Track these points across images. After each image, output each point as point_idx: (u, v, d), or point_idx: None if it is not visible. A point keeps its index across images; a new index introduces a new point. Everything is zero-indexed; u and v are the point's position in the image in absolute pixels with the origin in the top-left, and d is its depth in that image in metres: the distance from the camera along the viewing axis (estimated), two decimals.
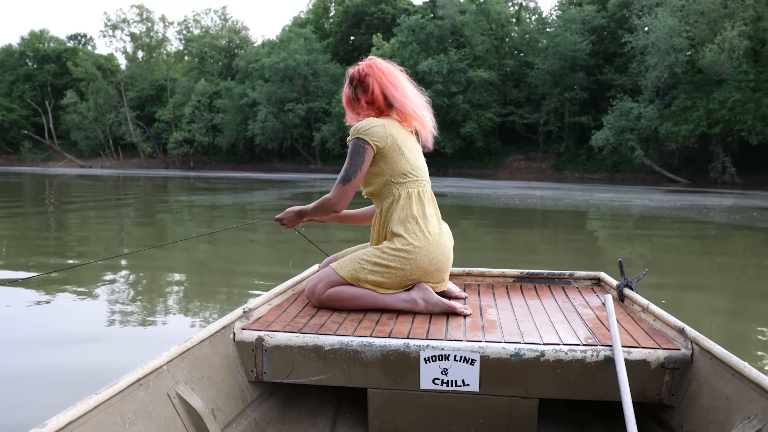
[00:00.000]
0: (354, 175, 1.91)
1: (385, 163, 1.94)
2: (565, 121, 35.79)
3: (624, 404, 1.29)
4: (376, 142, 1.91)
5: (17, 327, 3.17)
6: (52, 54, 59.35)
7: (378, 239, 2.01)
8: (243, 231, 7.53)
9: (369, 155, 1.92)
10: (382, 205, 1.99)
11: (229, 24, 55.52)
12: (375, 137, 1.91)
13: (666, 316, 1.72)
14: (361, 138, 1.91)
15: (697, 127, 27.92)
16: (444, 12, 39.62)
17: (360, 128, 1.92)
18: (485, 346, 1.55)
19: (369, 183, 1.99)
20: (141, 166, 52.09)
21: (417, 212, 1.93)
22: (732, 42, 27.40)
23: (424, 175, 2.02)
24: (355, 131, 1.92)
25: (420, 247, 1.88)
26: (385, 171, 1.94)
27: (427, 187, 2.02)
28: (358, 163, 1.91)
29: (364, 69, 2.00)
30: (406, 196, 1.94)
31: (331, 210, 1.98)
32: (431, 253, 1.90)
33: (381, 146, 1.92)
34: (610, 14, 35.95)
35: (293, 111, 42.54)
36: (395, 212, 1.93)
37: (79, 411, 1.06)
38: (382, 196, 1.99)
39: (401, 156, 1.94)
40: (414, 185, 1.96)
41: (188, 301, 3.83)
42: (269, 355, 1.62)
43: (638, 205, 13.35)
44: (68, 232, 7.34)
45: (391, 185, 1.95)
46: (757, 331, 3.23)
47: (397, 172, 1.94)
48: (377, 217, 2.02)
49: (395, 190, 1.95)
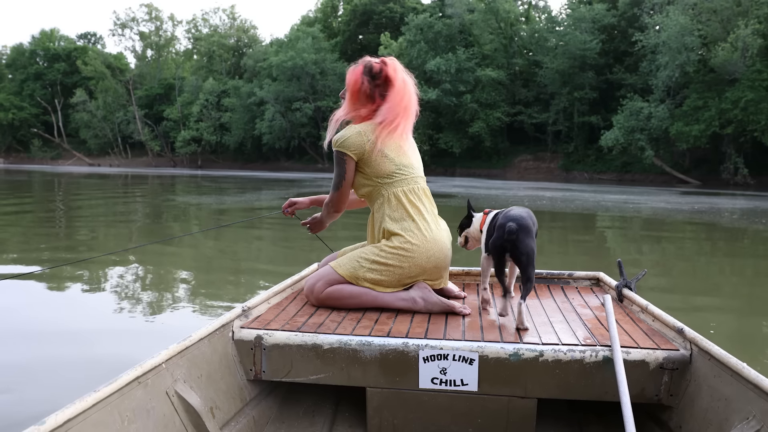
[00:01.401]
0: (341, 184, 1.98)
1: (368, 167, 1.95)
2: (574, 120, 35.45)
3: (623, 404, 1.29)
4: (354, 152, 1.94)
5: (20, 321, 3.20)
6: (62, 53, 59.69)
7: (373, 239, 2.02)
8: (249, 228, 7.42)
9: (350, 165, 1.96)
10: (374, 206, 2.01)
11: (238, 23, 55.60)
12: (352, 148, 1.93)
13: (665, 317, 1.71)
14: (339, 150, 1.95)
15: (708, 127, 27.50)
16: (452, 11, 39.38)
17: (337, 140, 1.95)
18: (484, 345, 1.55)
19: (359, 187, 2.02)
20: (149, 164, 52.27)
21: (411, 210, 1.93)
22: (745, 40, 26.96)
23: (415, 172, 2.00)
24: (334, 143, 1.96)
25: (418, 245, 1.89)
26: (371, 174, 1.96)
27: (421, 183, 2.00)
28: (341, 173, 1.97)
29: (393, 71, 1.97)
30: (396, 195, 1.95)
31: (335, 211, 2.11)
32: (429, 251, 1.90)
33: (360, 154, 1.94)
34: (620, 13, 35.54)
35: (301, 110, 42.48)
36: (388, 212, 1.94)
37: (78, 409, 1.05)
38: (372, 198, 2.01)
39: (384, 158, 1.94)
40: (402, 183, 1.96)
41: (192, 297, 3.74)
42: (268, 353, 1.62)
43: (655, 208, 12.94)
44: (74, 231, 7.26)
45: (379, 186, 1.97)
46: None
47: (382, 174, 1.95)
48: (371, 217, 2.03)
49: (384, 191, 1.96)
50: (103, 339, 2.95)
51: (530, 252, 1.72)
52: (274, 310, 1.89)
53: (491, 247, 1.81)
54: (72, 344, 2.85)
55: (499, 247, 1.76)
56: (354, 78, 1.97)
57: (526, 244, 1.72)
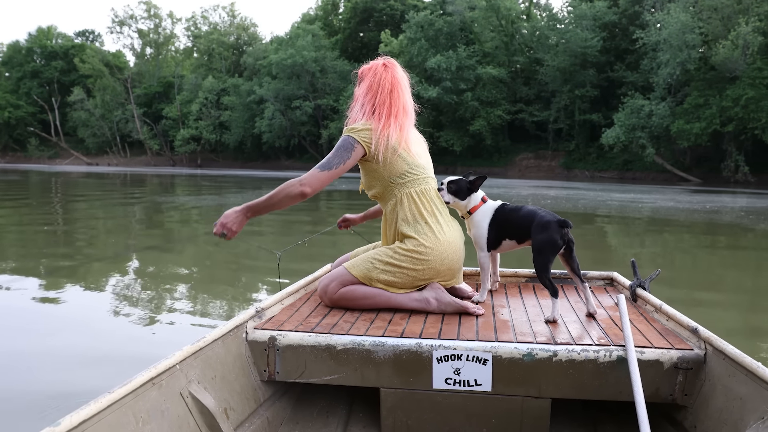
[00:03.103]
0: (336, 165, 1.87)
1: (380, 165, 1.93)
2: (576, 118, 35.39)
3: (637, 404, 1.28)
4: (367, 142, 1.91)
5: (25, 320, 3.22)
6: (60, 50, 59.38)
7: (387, 240, 2.02)
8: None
9: (357, 154, 1.91)
10: (387, 207, 2.00)
11: (238, 20, 55.37)
12: (366, 138, 1.91)
13: (679, 316, 1.70)
14: (352, 136, 1.91)
15: (709, 125, 27.48)
16: (453, 8, 39.25)
17: (353, 127, 1.93)
18: (498, 346, 1.55)
19: (371, 186, 2.00)
20: (148, 163, 52.08)
21: (425, 212, 1.92)
22: (746, 38, 26.91)
23: (427, 172, 2.00)
24: (348, 129, 1.94)
25: (432, 247, 1.88)
26: (383, 173, 1.94)
27: (432, 184, 2.00)
28: (343, 157, 1.89)
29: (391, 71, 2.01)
30: (409, 196, 1.94)
31: (298, 193, 1.83)
32: (443, 253, 1.90)
33: (372, 148, 1.91)
34: (621, 10, 35.46)
35: (301, 108, 42.35)
36: (401, 213, 1.93)
37: (93, 410, 1.06)
38: (385, 198, 1.99)
39: (397, 157, 1.93)
40: (415, 184, 1.95)
41: (205, 298, 3.68)
42: (282, 354, 1.62)
43: (665, 208, 12.61)
44: (71, 235, 7.18)
45: (391, 186, 1.95)
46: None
47: (395, 173, 1.93)
48: (384, 218, 2.03)
49: (397, 191, 1.95)
50: (127, 338, 2.90)
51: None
52: (288, 311, 1.88)
53: (548, 245, 1.79)
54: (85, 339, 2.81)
55: (556, 242, 1.78)
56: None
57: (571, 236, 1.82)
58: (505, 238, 1.97)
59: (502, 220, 1.96)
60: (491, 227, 1.97)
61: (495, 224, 1.97)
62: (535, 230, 1.83)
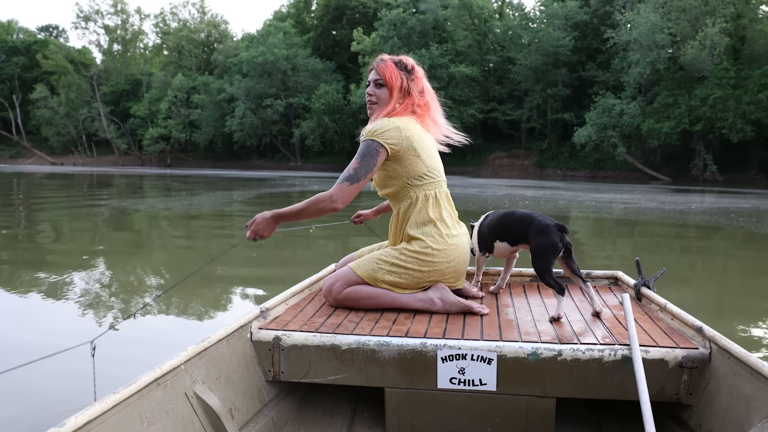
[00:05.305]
0: (363, 176, 1.85)
1: (400, 165, 1.91)
2: (548, 117, 35.62)
3: (642, 403, 1.29)
4: (392, 145, 1.87)
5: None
6: (21, 46, 57.40)
7: (395, 240, 2.02)
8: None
9: (381, 158, 1.88)
10: (399, 207, 1.99)
11: (208, 17, 54.30)
12: (390, 140, 1.87)
13: (684, 315, 1.70)
14: (376, 140, 1.86)
15: (678, 124, 27.89)
16: (426, 6, 39.15)
17: (375, 130, 1.87)
18: (502, 345, 1.55)
19: (386, 185, 1.98)
20: (115, 163, 50.72)
21: (434, 215, 1.93)
22: (713, 39, 27.41)
23: (441, 175, 2.01)
24: (370, 133, 1.88)
25: (438, 250, 1.89)
26: (401, 173, 1.92)
27: (444, 187, 2.01)
28: (369, 165, 1.85)
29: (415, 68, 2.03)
30: (424, 199, 1.94)
31: (329, 209, 1.85)
32: (449, 256, 1.91)
33: (396, 149, 1.88)
34: (593, 10, 35.82)
35: (272, 107, 41.72)
36: (413, 215, 1.94)
37: (98, 410, 1.06)
38: (399, 198, 1.98)
39: (417, 158, 1.91)
40: (431, 187, 1.95)
41: (211, 300, 3.33)
42: (286, 354, 1.63)
43: (650, 208, 12.08)
44: (37, 239, 6.66)
45: (408, 188, 1.94)
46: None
47: (413, 174, 1.92)
48: (394, 218, 2.02)
49: (412, 193, 1.94)
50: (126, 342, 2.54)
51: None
52: (292, 311, 1.89)
53: (548, 248, 1.82)
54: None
55: (556, 245, 1.80)
56: (393, 74, 1.94)
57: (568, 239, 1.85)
58: (495, 239, 2.05)
59: (484, 226, 2.10)
60: (489, 232, 2.10)
61: (481, 231, 2.12)
62: (533, 234, 1.85)
